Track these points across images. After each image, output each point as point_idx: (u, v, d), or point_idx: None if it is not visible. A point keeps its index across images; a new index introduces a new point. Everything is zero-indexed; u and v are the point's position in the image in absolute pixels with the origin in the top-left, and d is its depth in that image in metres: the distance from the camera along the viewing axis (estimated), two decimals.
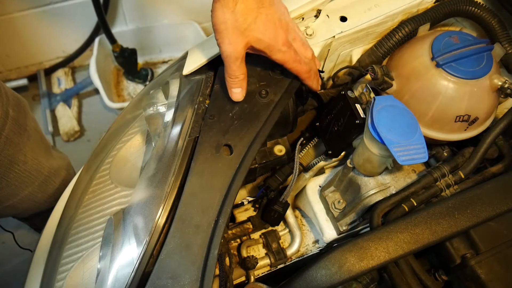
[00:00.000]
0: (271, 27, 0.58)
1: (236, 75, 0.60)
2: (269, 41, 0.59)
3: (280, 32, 0.60)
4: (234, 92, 0.63)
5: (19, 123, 0.92)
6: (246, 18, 0.56)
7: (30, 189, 1.01)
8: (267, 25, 0.58)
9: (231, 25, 0.56)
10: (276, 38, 0.59)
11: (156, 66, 2.14)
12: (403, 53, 0.77)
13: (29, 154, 0.96)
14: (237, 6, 0.55)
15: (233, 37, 0.56)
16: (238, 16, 0.56)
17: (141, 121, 0.79)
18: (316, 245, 0.83)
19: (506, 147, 0.75)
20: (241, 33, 0.57)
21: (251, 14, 0.56)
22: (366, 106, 0.70)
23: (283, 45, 0.60)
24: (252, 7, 0.56)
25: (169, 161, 0.61)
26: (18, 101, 0.94)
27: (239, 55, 0.58)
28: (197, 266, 0.54)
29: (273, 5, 0.59)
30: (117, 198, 0.71)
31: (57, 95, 1.98)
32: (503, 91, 0.70)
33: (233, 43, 0.57)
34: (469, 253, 0.62)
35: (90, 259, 0.66)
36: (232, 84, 0.62)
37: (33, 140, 0.99)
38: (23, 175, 0.95)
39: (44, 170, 1.03)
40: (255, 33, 0.57)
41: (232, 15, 0.55)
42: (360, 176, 0.73)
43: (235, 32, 0.56)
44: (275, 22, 0.59)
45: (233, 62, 0.59)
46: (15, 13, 1.77)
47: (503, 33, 0.78)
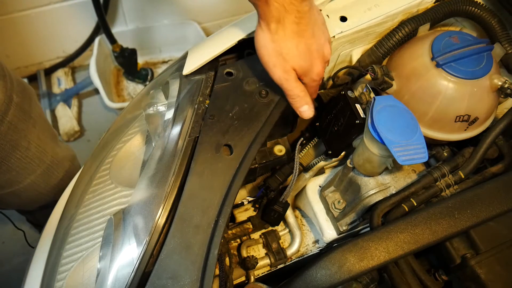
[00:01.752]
0: (310, 56, 0.61)
1: (295, 93, 0.62)
2: (307, 68, 0.61)
3: (317, 62, 0.62)
4: (302, 111, 0.64)
5: (23, 109, 0.93)
6: (286, 44, 0.58)
7: (32, 177, 1.01)
8: (306, 53, 0.60)
9: (272, 49, 0.59)
10: (313, 66, 0.61)
11: (156, 66, 2.14)
12: (403, 53, 0.77)
13: (34, 141, 0.97)
14: (278, 33, 0.58)
15: (277, 60, 0.59)
16: (279, 42, 0.58)
17: (141, 121, 0.79)
18: (316, 245, 0.83)
19: (506, 147, 0.75)
20: (283, 58, 0.59)
21: (290, 41, 0.58)
22: (366, 106, 0.70)
23: (317, 74, 0.63)
24: (292, 35, 0.58)
25: (169, 161, 0.61)
26: (23, 88, 0.95)
27: (289, 75, 0.60)
28: (197, 266, 0.54)
29: (313, 36, 0.61)
30: (117, 198, 0.71)
31: (57, 95, 1.98)
32: (503, 91, 0.70)
33: (278, 65, 0.59)
34: (469, 253, 0.62)
35: (90, 259, 0.66)
36: (296, 104, 0.63)
37: (39, 127, 0.99)
38: (25, 161, 0.96)
39: (47, 158, 1.03)
40: (296, 58, 0.59)
41: (272, 40, 0.58)
42: (360, 176, 0.73)
43: (278, 56, 0.59)
44: (313, 52, 0.61)
45: (286, 82, 0.61)
46: (15, 13, 1.77)
47: (503, 33, 0.78)
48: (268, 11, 0.56)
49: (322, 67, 0.63)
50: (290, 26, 0.58)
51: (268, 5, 0.56)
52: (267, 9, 0.56)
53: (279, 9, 0.56)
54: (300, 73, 0.61)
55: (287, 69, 0.60)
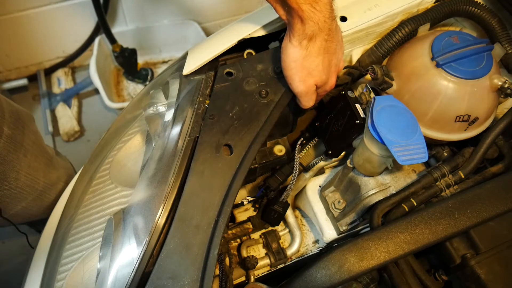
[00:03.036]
0: (329, 71, 0.65)
1: (309, 103, 0.67)
2: (326, 81, 0.65)
3: (333, 76, 0.67)
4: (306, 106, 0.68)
5: (15, 140, 0.92)
6: (314, 60, 0.61)
7: (23, 204, 1.00)
8: (327, 68, 0.64)
9: (300, 65, 0.62)
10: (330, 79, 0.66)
11: (156, 66, 2.14)
12: (403, 53, 0.77)
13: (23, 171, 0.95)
14: (308, 49, 0.60)
15: (302, 76, 0.63)
16: (308, 58, 0.61)
17: (141, 121, 0.79)
18: (316, 245, 0.83)
19: (506, 147, 0.75)
20: (309, 73, 0.62)
21: (318, 57, 0.62)
22: (366, 106, 0.70)
23: (331, 87, 0.68)
24: (319, 51, 0.61)
25: (169, 161, 0.61)
26: (17, 117, 0.94)
27: (309, 90, 0.64)
28: (197, 266, 0.54)
29: (335, 53, 0.65)
30: (117, 198, 0.71)
31: (57, 95, 1.98)
32: (503, 91, 0.70)
33: (303, 81, 0.63)
34: (469, 253, 0.62)
35: (90, 259, 0.66)
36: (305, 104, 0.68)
37: (30, 155, 0.98)
38: (14, 192, 0.95)
39: (38, 185, 1.02)
40: (319, 74, 0.63)
41: (302, 56, 0.61)
42: (360, 176, 0.73)
43: (304, 71, 0.62)
44: (332, 67, 0.65)
45: (306, 95, 0.65)
46: (15, 13, 1.77)
47: (503, 33, 0.78)
48: (302, 29, 0.58)
49: (335, 79, 0.68)
50: (320, 43, 0.60)
51: (304, 24, 0.58)
52: (302, 27, 0.58)
53: (313, 28, 0.58)
54: (318, 86, 0.65)
55: (311, 84, 0.64)
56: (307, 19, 0.57)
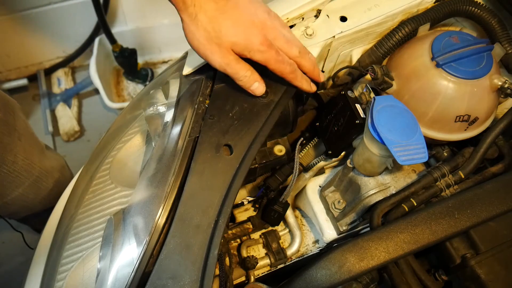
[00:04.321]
0: (242, 28, 0.57)
1: (241, 75, 0.60)
2: (244, 42, 0.57)
3: (254, 31, 0.58)
4: (253, 89, 0.62)
5: (7, 123, 0.92)
6: (213, 26, 0.56)
7: (20, 190, 1.01)
8: (237, 27, 0.56)
9: (203, 38, 0.56)
10: (250, 38, 0.57)
11: (156, 66, 2.14)
12: (403, 53, 0.77)
13: (20, 155, 0.96)
14: (197, 18, 0.55)
15: (211, 47, 0.57)
16: (205, 27, 0.56)
17: (141, 121, 0.78)
18: (316, 245, 0.83)
19: (506, 147, 0.75)
20: (215, 42, 0.56)
21: (215, 22, 0.56)
22: (366, 106, 0.70)
23: (261, 44, 0.57)
24: (213, 15, 0.56)
25: (169, 161, 0.61)
26: (5, 102, 0.94)
27: (228, 59, 0.58)
28: (197, 266, 0.54)
29: (238, 8, 0.58)
30: (117, 198, 0.71)
31: (57, 95, 1.98)
32: (503, 91, 0.70)
33: (215, 52, 0.57)
34: (469, 253, 0.62)
35: (90, 259, 0.66)
36: (246, 84, 0.61)
37: (24, 140, 0.99)
38: (12, 175, 0.95)
39: (35, 170, 1.03)
40: (228, 37, 0.56)
41: (199, 28, 0.56)
42: (360, 176, 0.73)
43: (210, 42, 0.56)
44: (244, 23, 0.57)
45: (228, 67, 0.58)
46: (15, 13, 1.77)
47: (503, 33, 0.78)
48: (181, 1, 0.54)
49: (263, 35, 0.58)
50: (208, 6, 0.55)
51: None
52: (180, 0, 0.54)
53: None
54: (240, 51, 0.57)
55: (224, 52, 0.57)
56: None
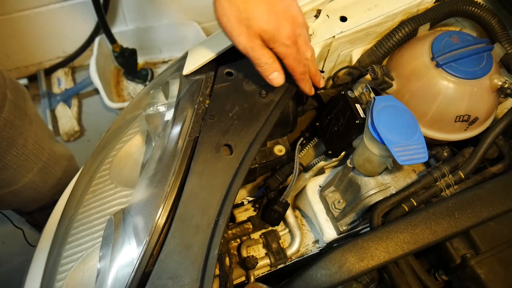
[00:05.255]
0: (274, 17, 0.55)
1: (263, 61, 0.58)
2: (273, 31, 0.55)
3: (284, 23, 0.56)
4: (272, 78, 0.60)
5: (19, 107, 0.93)
6: (246, 7, 0.54)
7: (30, 176, 1.02)
8: (270, 15, 0.55)
9: (233, 17, 0.54)
10: (279, 29, 0.56)
11: (156, 66, 2.14)
12: (403, 53, 0.77)
13: (31, 138, 0.97)
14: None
15: (240, 28, 0.55)
16: (238, 6, 0.54)
17: (141, 121, 0.79)
18: (316, 245, 0.83)
19: (506, 147, 0.75)
20: (245, 24, 0.55)
21: (249, 3, 0.54)
22: (366, 106, 0.70)
23: (288, 38, 0.56)
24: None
25: (169, 161, 0.61)
26: (16, 86, 0.95)
27: (253, 43, 0.56)
28: (197, 266, 0.54)
29: None
30: (117, 198, 0.71)
31: (57, 95, 1.98)
32: (503, 91, 0.70)
33: (243, 33, 0.55)
34: (469, 253, 0.62)
35: (90, 259, 0.66)
36: (265, 72, 0.59)
37: (35, 124, 1.00)
38: (21, 159, 0.96)
39: (43, 156, 1.03)
40: (259, 22, 0.54)
41: (231, 6, 0.54)
42: (360, 176, 0.73)
43: (239, 23, 0.55)
44: (278, 12, 0.56)
45: (251, 50, 0.57)
46: (15, 13, 1.77)
47: (503, 33, 0.78)
48: None
49: (292, 29, 0.57)
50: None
51: None
52: None
53: None
54: (267, 39, 0.56)
55: (251, 36, 0.55)
56: None
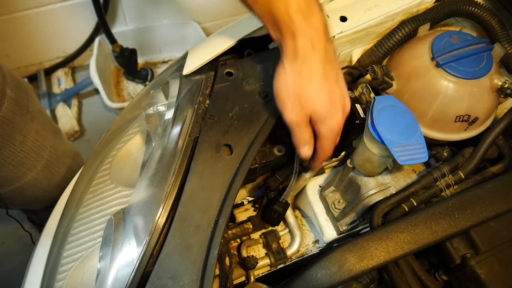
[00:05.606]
0: (330, 103, 0.56)
1: (302, 137, 0.59)
2: (326, 115, 0.56)
3: (338, 111, 0.57)
4: (302, 151, 0.61)
5: (19, 104, 0.93)
6: (309, 87, 0.54)
7: (33, 174, 1.01)
8: (327, 100, 0.56)
9: (293, 93, 0.55)
10: (332, 114, 0.57)
11: (156, 66, 2.14)
12: (403, 53, 0.77)
13: (30, 135, 0.97)
14: (301, 74, 0.54)
15: (294, 105, 0.55)
16: (302, 85, 0.54)
17: (141, 121, 0.79)
18: (316, 245, 0.83)
19: (506, 147, 0.75)
20: (300, 101, 0.55)
21: (312, 83, 0.54)
22: (366, 106, 0.70)
23: (336, 125, 0.58)
24: (314, 76, 0.54)
25: (169, 161, 0.61)
26: (18, 83, 0.95)
27: (301, 122, 0.57)
28: (197, 266, 0.54)
29: (337, 83, 0.57)
30: (117, 198, 0.71)
31: (57, 95, 1.98)
32: (503, 91, 0.70)
33: (295, 111, 0.56)
34: (469, 253, 0.62)
35: (90, 259, 0.66)
36: (300, 144, 0.60)
37: (37, 121, 0.99)
38: (20, 155, 0.95)
39: (44, 153, 1.03)
40: (316, 105, 0.55)
41: (296, 83, 0.54)
42: (360, 176, 0.73)
43: (297, 100, 0.55)
44: (335, 100, 0.57)
45: (297, 128, 0.58)
46: (15, 13, 1.77)
47: (503, 33, 0.78)
48: (293, 47, 0.52)
49: (342, 118, 0.58)
50: (316, 67, 0.54)
51: (295, 40, 0.52)
52: (293, 45, 0.52)
53: (306, 46, 0.52)
54: (315, 119, 0.57)
55: (302, 114, 0.56)
56: (299, 33, 0.51)
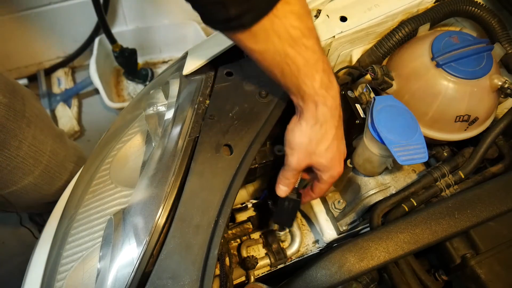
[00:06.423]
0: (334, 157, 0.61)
1: (289, 179, 0.64)
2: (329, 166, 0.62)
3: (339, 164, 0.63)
4: (281, 188, 0.66)
5: (14, 109, 0.92)
6: (319, 144, 0.59)
7: (31, 178, 1.01)
8: (335, 155, 0.61)
9: (305, 148, 0.60)
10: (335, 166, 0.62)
11: (156, 66, 2.14)
12: (403, 53, 0.77)
13: (27, 141, 0.96)
14: (317, 136, 0.59)
15: (301, 156, 0.61)
16: (313, 143, 0.59)
17: (141, 121, 0.79)
18: (316, 245, 0.83)
19: (506, 147, 0.75)
20: (308, 155, 0.60)
21: (325, 143, 0.59)
22: (366, 106, 0.70)
23: (338, 174, 0.63)
24: (328, 138, 0.59)
25: (169, 161, 0.61)
26: (12, 88, 0.94)
27: (299, 168, 0.62)
28: (197, 266, 0.54)
29: (342, 138, 0.63)
30: (117, 198, 0.71)
31: (57, 95, 1.98)
32: (503, 91, 0.70)
33: (300, 161, 0.61)
34: (469, 253, 0.62)
35: (90, 259, 0.66)
36: (282, 182, 0.65)
37: (34, 126, 0.99)
38: (16, 161, 0.95)
39: (43, 158, 1.02)
40: (322, 159, 0.60)
41: (309, 141, 0.59)
42: (360, 176, 0.73)
43: (305, 153, 0.60)
44: (340, 153, 0.62)
45: (291, 171, 0.63)
46: (15, 13, 1.77)
47: (503, 33, 0.78)
48: (314, 113, 0.57)
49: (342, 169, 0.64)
50: (330, 130, 0.59)
51: (317, 108, 0.57)
52: (314, 112, 0.57)
53: (325, 114, 0.57)
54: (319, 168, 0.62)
55: (304, 165, 0.62)
56: (320, 104, 0.56)
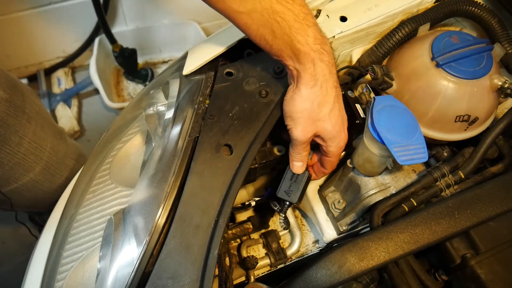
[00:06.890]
0: (340, 123, 0.60)
1: (300, 153, 0.63)
2: (336, 134, 0.60)
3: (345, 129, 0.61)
4: (295, 165, 0.64)
5: (14, 105, 0.93)
6: (321, 108, 0.57)
7: (31, 175, 1.01)
8: (338, 119, 0.59)
9: (308, 115, 0.58)
10: (341, 133, 0.61)
11: (156, 66, 2.14)
12: (403, 53, 0.77)
13: (27, 137, 0.96)
14: (318, 99, 0.57)
15: (306, 125, 0.58)
16: (315, 107, 0.57)
17: (141, 121, 0.79)
18: (316, 245, 0.83)
19: (506, 147, 0.75)
20: (313, 122, 0.58)
21: (327, 106, 0.57)
22: (366, 106, 0.70)
23: (344, 142, 0.62)
24: (330, 98, 0.57)
25: (169, 161, 0.61)
26: (12, 84, 0.94)
27: (307, 141, 0.61)
28: (197, 266, 0.54)
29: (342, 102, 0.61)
30: (117, 198, 0.71)
31: (57, 95, 1.98)
32: (503, 91, 0.70)
33: (305, 131, 0.59)
34: (469, 253, 0.62)
35: (90, 259, 0.66)
36: (295, 158, 0.64)
37: (35, 123, 0.99)
38: (17, 157, 0.95)
39: (43, 155, 1.02)
40: (326, 124, 0.58)
41: (311, 105, 0.57)
42: (360, 176, 0.73)
43: (309, 121, 0.58)
44: (343, 120, 0.61)
45: (300, 145, 0.61)
46: (15, 13, 1.77)
47: (503, 33, 0.78)
48: (313, 73, 0.55)
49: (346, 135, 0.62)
50: (331, 90, 0.57)
51: (315, 66, 0.54)
52: (313, 71, 0.55)
53: (324, 71, 0.55)
54: (324, 138, 0.60)
55: (309, 132, 0.59)
56: (318, 60, 0.53)
